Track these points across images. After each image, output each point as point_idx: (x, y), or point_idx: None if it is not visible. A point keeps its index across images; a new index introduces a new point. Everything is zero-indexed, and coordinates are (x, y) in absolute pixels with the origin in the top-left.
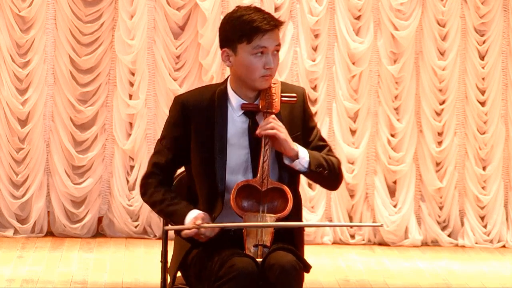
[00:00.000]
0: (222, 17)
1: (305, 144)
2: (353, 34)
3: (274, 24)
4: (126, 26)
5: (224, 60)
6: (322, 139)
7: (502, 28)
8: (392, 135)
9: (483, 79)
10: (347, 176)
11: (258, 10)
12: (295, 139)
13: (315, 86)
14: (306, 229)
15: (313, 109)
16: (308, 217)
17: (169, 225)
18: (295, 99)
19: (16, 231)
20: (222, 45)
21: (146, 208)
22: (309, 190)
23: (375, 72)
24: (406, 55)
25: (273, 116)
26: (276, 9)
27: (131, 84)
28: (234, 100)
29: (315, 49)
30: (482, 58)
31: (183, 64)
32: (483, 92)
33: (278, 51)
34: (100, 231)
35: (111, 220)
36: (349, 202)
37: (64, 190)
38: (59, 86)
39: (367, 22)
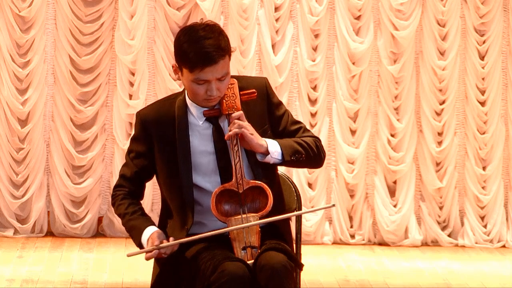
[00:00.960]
0: (222, 17)
1: (277, 134)
2: (353, 34)
3: (215, 59)
4: (126, 26)
5: (174, 72)
6: (294, 122)
7: (502, 28)
8: (392, 135)
9: (483, 79)
10: (347, 176)
11: (207, 36)
12: (263, 133)
13: (315, 86)
14: (306, 229)
15: (313, 109)
16: (308, 217)
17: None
18: (255, 94)
19: (16, 231)
20: (174, 58)
21: (146, 208)
22: (309, 190)
23: (375, 72)
24: (406, 55)
25: (239, 113)
26: (276, 9)
27: (131, 84)
28: (194, 109)
29: (315, 49)
30: (482, 58)
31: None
32: (483, 92)
33: (223, 79)
34: (100, 231)
35: (111, 220)
36: (349, 202)
37: (64, 190)
38: (59, 86)
39: (367, 22)
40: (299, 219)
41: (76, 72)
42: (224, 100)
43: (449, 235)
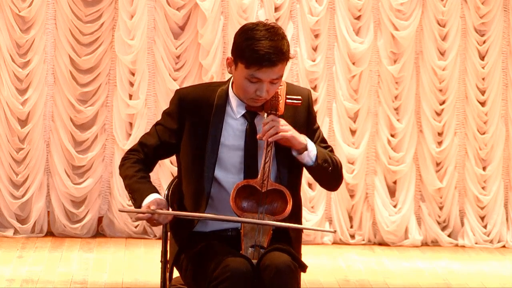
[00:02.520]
0: (222, 17)
1: None
2: (353, 34)
3: (274, 62)
4: (126, 26)
5: (227, 65)
6: (324, 140)
7: (502, 28)
8: (392, 135)
9: (483, 79)
10: (347, 176)
11: (270, 37)
12: None
13: (315, 86)
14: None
15: (313, 105)
16: (308, 217)
17: (128, 206)
18: (300, 101)
19: (16, 231)
20: (231, 52)
21: None
22: (309, 190)
23: (375, 72)
24: (406, 55)
25: (272, 117)
26: (276, 9)
27: (131, 84)
28: (235, 102)
29: (315, 49)
30: (482, 58)
31: (183, 64)
32: (483, 92)
33: (275, 82)
34: (100, 231)
35: (111, 220)
36: (349, 202)
37: (64, 190)
38: (59, 86)
39: (367, 22)
40: (299, 219)
41: (76, 72)
42: (269, 99)
43: (449, 235)
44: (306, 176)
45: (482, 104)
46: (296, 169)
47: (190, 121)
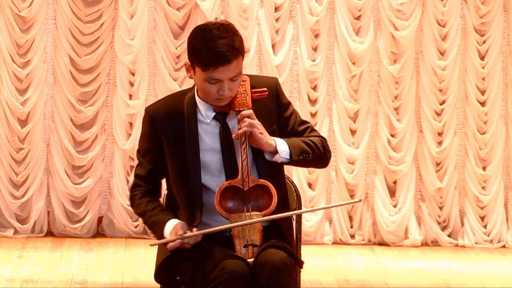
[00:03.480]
0: (222, 17)
1: (284, 134)
2: (353, 34)
3: (229, 59)
4: (126, 26)
5: (186, 71)
6: (301, 122)
7: (502, 28)
8: (392, 135)
9: (483, 79)
10: (347, 176)
11: (221, 36)
12: (272, 133)
13: (315, 86)
14: (306, 229)
15: (313, 109)
16: (308, 217)
17: (154, 238)
18: (266, 92)
19: (16, 231)
20: (188, 57)
21: None
22: (309, 190)
23: (375, 72)
24: (406, 55)
25: (248, 112)
26: (276, 9)
27: (131, 84)
28: (203, 107)
29: (315, 49)
30: (482, 58)
31: (183, 64)
32: (483, 92)
33: (236, 79)
34: (100, 231)
35: (111, 220)
36: None
37: (64, 190)
38: (59, 86)
39: (367, 22)
40: (299, 219)
41: (76, 72)
42: (235, 97)
43: (449, 235)
44: (305, 175)
45: (482, 104)
46: (274, 163)
47: (166, 136)
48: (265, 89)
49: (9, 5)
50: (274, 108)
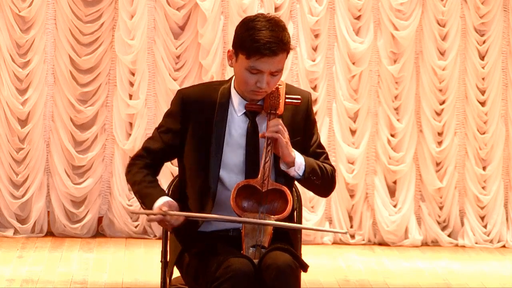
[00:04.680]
0: (222, 17)
1: (304, 149)
2: (353, 34)
3: (275, 51)
4: (126, 26)
5: (228, 58)
6: (320, 146)
7: (502, 28)
8: (392, 135)
9: (483, 79)
10: (347, 176)
11: (271, 28)
12: (294, 144)
13: (315, 86)
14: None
15: (313, 109)
16: (308, 217)
17: (141, 208)
18: (299, 101)
19: (16, 231)
20: (232, 44)
21: None
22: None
23: (375, 72)
24: (406, 55)
25: (279, 121)
26: (276, 9)
27: (131, 84)
28: (237, 100)
29: (315, 49)
30: (482, 58)
31: (183, 64)
32: (483, 92)
33: (276, 74)
34: (100, 231)
35: (111, 220)
36: (349, 202)
37: (64, 190)
38: (59, 86)
39: (367, 22)
40: (299, 219)
41: (76, 72)
42: (268, 98)
43: (449, 235)
44: None
45: (482, 104)
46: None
47: (194, 121)
48: (299, 97)
49: (9, 5)
50: (302, 121)
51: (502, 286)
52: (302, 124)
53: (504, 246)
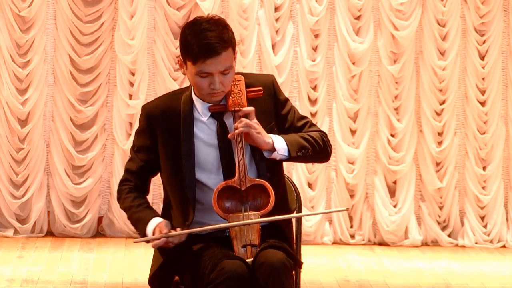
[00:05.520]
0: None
1: (283, 131)
2: (353, 34)
3: (217, 51)
4: (126, 26)
5: (179, 67)
6: (300, 118)
7: (502, 28)
8: (392, 135)
9: (483, 79)
10: (347, 176)
11: (210, 28)
12: (270, 130)
13: (315, 86)
14: (306, 229)
15: (313, 109)
16: (308, 217)
17: (139, 236)
18: (261, 91)
19: (16, 231)
20: (180, 51)
21: None
22: (309, 190)
23: (375, 72)
24: (406, 55)
25: (247, 110)
26: (276, 9)
27: (131, 84)
28: (199, 105)
29: (315, 49)
30: (482, 58)
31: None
32: (483, 92)
33: (227, 73)
34: (100, 231)
35: (111, 220)
36: (349, 202)
37: (64, 190)
38: (59, 86)
39: (367, 22)
40: (299, 219)
41: (76, 72)
42: (230, 97)
43: (449, 235)
44: (305, 175)
45: (482, 104)
46: (273, 160)
47: (161, 133)
48: (260, 88)
49: (9, 5)
50: (271, 105)
51: (502, 286)
52: (272, 108)
53: (504, 246)
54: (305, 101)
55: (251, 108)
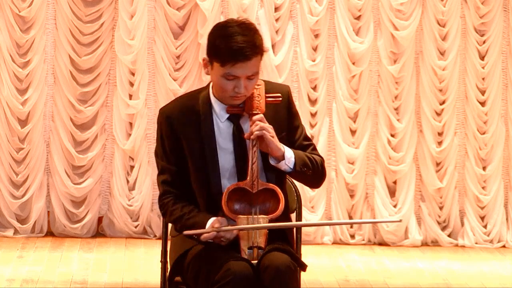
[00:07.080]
0: (222, 17)
1: (290, 143)
2: (353, 34)
3: (249, 56)
4: (126, 26)
5: (203, 66)
6: (306, 138)
7: (502, 28)
8: (392, 135)
9: (483, 79)
10: (347, 176)
11: (243, 33)
12: (280, 140)
13: (315, 86)
14: (306, 229)
15: (313, 109)
16: (308, 217)
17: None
18: (280, 98)
19: (16, 231)
20: (206, 52)
21: (146, 208)
22: (309, 190)
23: (375, 72)
24: (406, 55)
25: (260, 116)
26: (276, 9)
27: (131, 84)
28: (217, 107)
29: (315, 49)
30: (482, 58)
31: (183, 64)
32: (483, 92)
33: (252, 78)
34: (100, 231)
35: (111, 220)
36: (349, 202)
37: (64, 190)
38: (59, 86)
39: (367, 22)
40: (299, 219)
41: (76, 72)
42: (249, 100)
43: (449, 235)
44: None
45: (482, 104)
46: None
47: (184, 135)
48: (279, 95)
49: (9, 5)
50: (285, 115)
51: (502, 286)
52: (285, 117)
53: (504, 246)
54: (305, 101)
55: (261, 115)
